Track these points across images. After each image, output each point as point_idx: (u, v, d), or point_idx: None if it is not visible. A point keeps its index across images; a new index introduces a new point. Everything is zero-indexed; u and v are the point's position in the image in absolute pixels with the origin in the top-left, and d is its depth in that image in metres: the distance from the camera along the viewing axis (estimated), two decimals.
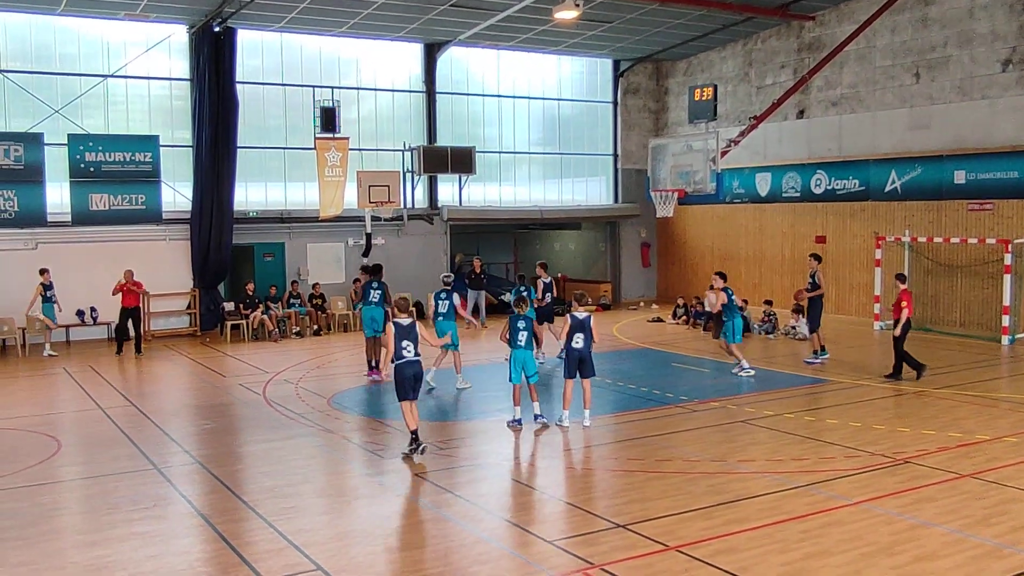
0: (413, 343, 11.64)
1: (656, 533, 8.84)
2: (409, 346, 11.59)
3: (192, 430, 13.89)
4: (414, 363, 11.68)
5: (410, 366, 11.66)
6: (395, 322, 11.75)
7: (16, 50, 22.83)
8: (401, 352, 11.59)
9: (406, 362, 11.61)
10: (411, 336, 11.68)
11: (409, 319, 11.81)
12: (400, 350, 11.59)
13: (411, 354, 11.63)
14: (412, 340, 11.66)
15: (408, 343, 11.61)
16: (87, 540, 8.97)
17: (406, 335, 11.66)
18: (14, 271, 21.95)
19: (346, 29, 25.27)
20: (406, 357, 11.60)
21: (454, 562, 8.30)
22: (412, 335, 11.69)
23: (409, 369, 11.66)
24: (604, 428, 13.44)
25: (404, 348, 11.58)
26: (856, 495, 9.96)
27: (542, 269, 20.61)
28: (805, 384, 16.82)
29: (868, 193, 25.08)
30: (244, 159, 24.80)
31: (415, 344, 11.66)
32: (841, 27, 25.17)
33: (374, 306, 17.53)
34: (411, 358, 11.65)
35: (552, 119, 30.69)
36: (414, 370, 11.72)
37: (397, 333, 11.64)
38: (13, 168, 21.70)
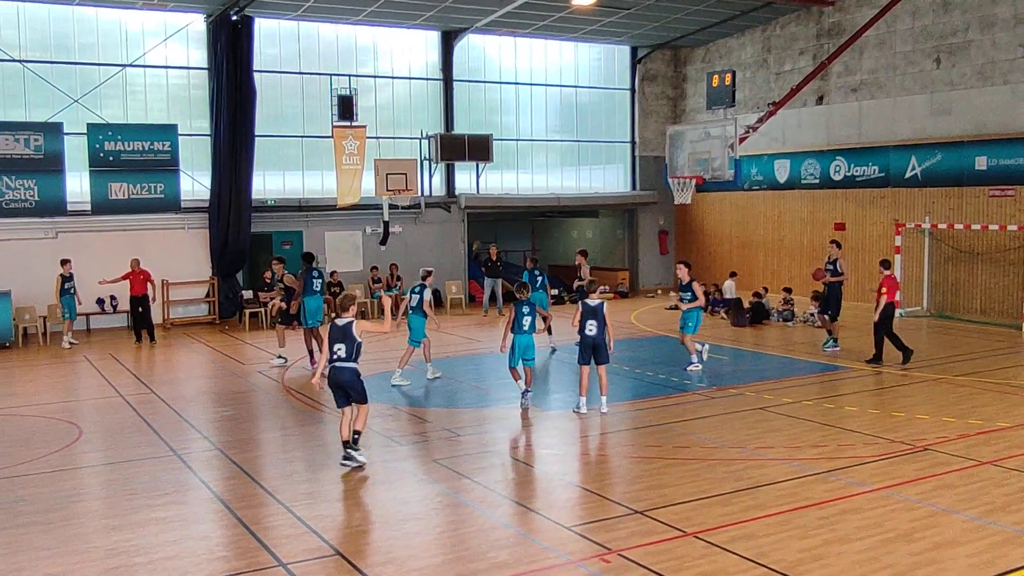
0: (346, 345, 10.60)
1: (674, 519, 8.83)
2: (341, 349, 10.61)
3: (211, 417, 13.96)
4: (343, 369, 10.65)
5: (338, 371, 10.68)
6: (332, 322, 10.91)
7: (35, 40, 22.95)
8: (332, 355, 10.70)
9: (334, 367, 10.69)
10: (345, 338, 10.64)
11: (348, 319, 10.76)
12: (331, 353, 10.70)
13: (341, 358, 10.64)
14: (345, 342, 10.62)
15: (340, 345, 10.63)
16: (108, 525, 9.04)
17: (340, 336, 10.68)
18: (35, 260, 22.13)
19: (363, 17, 25.25)
20: (335, 362, 10.68)
21: (472, 547, 8.32)
22: (347, 336, 10.64)
23: (336, 375, 10.70)
24: (622, 415, 13.43)
25: (335, 351, 10.65)
26: (875, 482, 9.92)
27: (582, 257, 20.32)
28: (824, 371, 16.74)
29: (888, 179, 24.90)
30: (262, 147, 24.86)
31: (348, 346, 10.60)
32: (861, 12, 24.95)
33: (318, 295, 17.45)
34: (339, 363, 10.65)
35: (569, 106, 30.60)
36: (342, 376, 10.68)
37: (330, 334, 10.76)
38: (33, 158, 21.84)
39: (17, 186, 21.73)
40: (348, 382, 10.68)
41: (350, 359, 10.62)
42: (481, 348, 19.77)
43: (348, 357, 10.61)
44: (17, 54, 22.49)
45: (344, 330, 10.64)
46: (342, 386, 10.69)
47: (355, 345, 10.61)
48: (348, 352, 10.59)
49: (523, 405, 13.79)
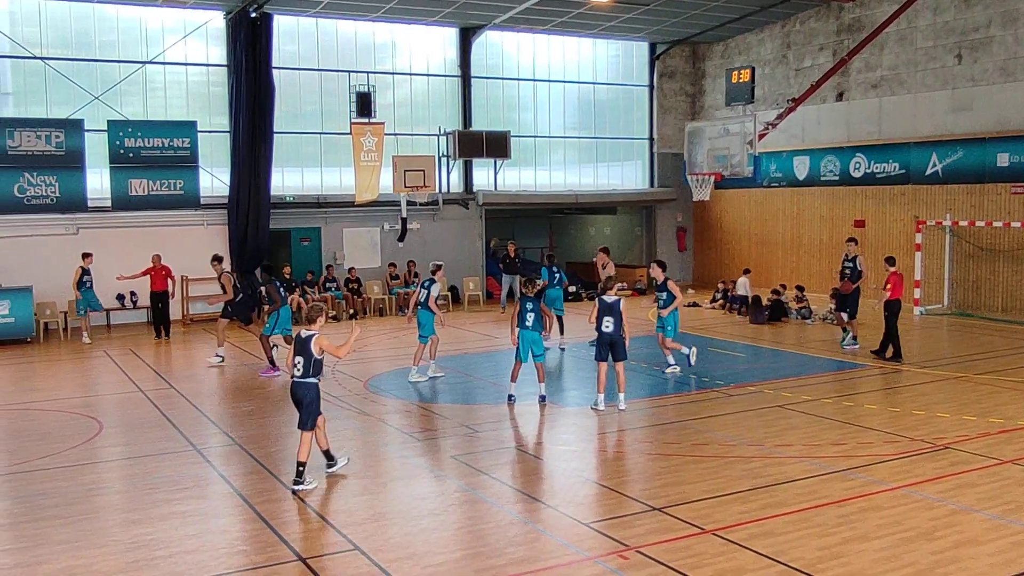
0: (304, 359, 9.99)
1: (692, 516, 8.81)
2: (300, 363, 10.01)
3: (230, 412, 14.04)
4: (298, 384, 10.04)
5: (295, 387, 10.11)
6: (297, 334, 10.26)
7: (56, 37, 23.10)
8: (292, 369, 10.15)
9: (292, 382, 10.15)
10: (304, 352, 10.02)
11: (312, 331, 10.10)
12: (293, 368, 10.15)
13: (299, 373, 10.03)
14: (303, 356, 10.00)
15: (299, 359, 10.03)
16: (128, 519, 9.11)
17: (299, 349, 10.06)
18: (56, 256, 22.26)
19: (381, 13, 25.28)
20: (295, 376, 10.10)
21: (490, 543, 8.33)
22: (305, 350, 10.01)
23: (293, 390, 10.16)
24: (640, 412, 13.41)
25: (295, 364, 10.07)
26: (895, 480, 9.87)
27: (605, 255, 20.16)
28: (843, 369, 16.65)
29: (908, 176, 24.73)
30: (280, 144, 24.95)
31: (306, 361, 9.99)
32: (881, 8, 24.78)
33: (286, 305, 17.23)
34: (297, 378, 10.06)
35: (588, 103, 30.54)
36: (296, 392, 10.09)
37: (294, 345, 10.20)
38: (54, 154, 21.99)
39: (39, 182, 21.88)
40: (300, 399, 10.04)
41: (307, 375, 10.00)
42: (498, 345, 19.76)
43: (306, 373, 10.00)
44: (39, 51, 22.66)
45: (304, 344, 10.01)
46: (302, 402, 10.05)
47: (312, 361, 9.96)
48: (306, 368, 9.98)
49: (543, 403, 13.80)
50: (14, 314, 20.57)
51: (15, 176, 21.67)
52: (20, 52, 22.49)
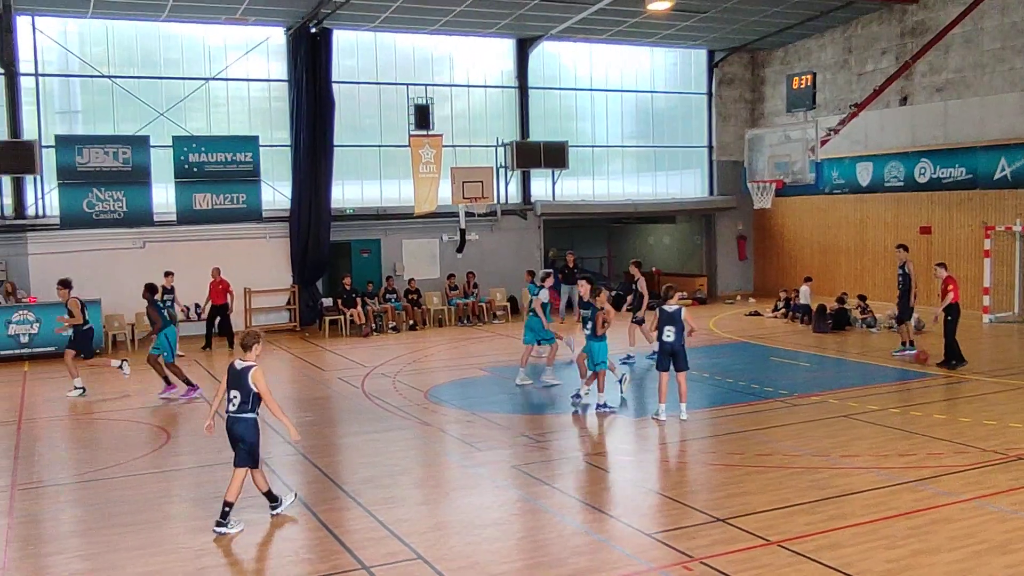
0: (241, 393, 9.13)
1: (757, 528, 8.69)
2: (236, 396, 9.16)
3: (293, 422, 14.05)
4: (238, 420, 9.17)
5: (232, 422, 9.21)
6: (231, 363, 9.35)
7: (123, 57, 23.68)
8: (226, 403, 9.28)
9: (229, 416, 9.24)
10: (241, 384, 9.14)
11: (248, 363, 9.20)
12: (226, 401, 9.28)
13: (234, 408, 9.20)
14: (240, 388, 9.13)
15: (235, 392, 9.17)
16: (196, 527, 9.24)
17: (235, 381, 9.19)
18: (123, 269, 22.78)
19: (439, 26, 25.48)
20: (229, 409, 9.24)
21: (552, 553, 8.29)
22: (242, 383, 9.12)
23: (230, 425, 9.24)
24: (702, 422, 13.27)
25: (231, 397, 9.21)
26: (966, 492, 9.62)
27: (636, 268, 20.02)
28: (910, 378, 16.29)
29: (976, 181, 24.17)
30: (340, 157, 25.25)
31: (244, 395, 9.12)
32: (946, 10, 24.30)
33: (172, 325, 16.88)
34: (233, 412, 9.20)
35: (645, 112, 30.41)
36: (235, 428, 9.19)
37: (228, 376, 9.29)
38: (122, 170, 22.53)
39: (107, 197, 22.42)
40: (239, 436, 9.18)
41: (246, 409, 9.16)
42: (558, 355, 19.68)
43: (243, 407, 9.15)
44: (106, 70, 23.26)
45: (240, 376, 9.15)
46: (234, 438, 9.24)
47: (251, 394, 9.11)
48: (243, 401, 9.13)
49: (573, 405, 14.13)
50: None
51: (84, 192, 22.24)
52: (89, 71, 23.13)
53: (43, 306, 20.88)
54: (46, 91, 23.02)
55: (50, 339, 20.62)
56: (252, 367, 9.16)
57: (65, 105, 23.57)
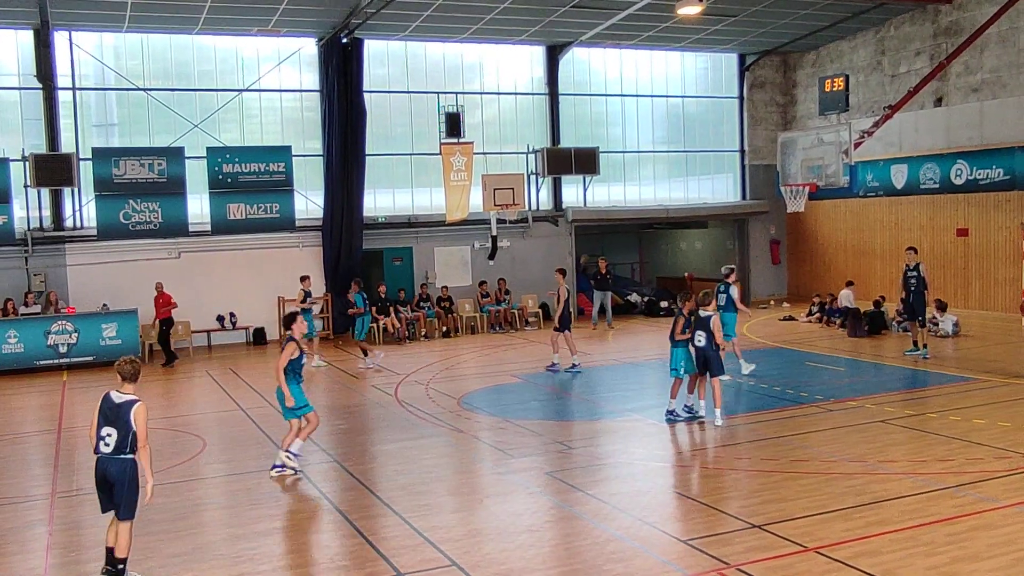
0: (118, 431, 7.90)
1: (794, 534, 8.61)
2: (111, 435, 7.91)
3: (328, 430, 14.25)
4: (113, 460, 7.93)
5: (105, 463, 7.97)
6: (106, 394, 8.11)
7: (158, 69, 23.99)
8: (98, 443, 7.98)
9: (101, 457, 8.00)
10: (119, 420, 7.91)
11: (128, 396, 8.05)
12: (98, 437, 7.98)
13: (109, 448, 7.92)
14: (117, 427, 7.90)
15: (111, 430, 7.91)
16: (233, 534, 9.32)
17: (112, 416, 7.95)
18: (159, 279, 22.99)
19: (469, 35, 25.57)
20: (101, 450, 7.97)
21: (587, 560, 8.27)
22: (121, 420, 7.91)
23: (103, 467, 7.99)
24: (737, 428, 13.19)
25: (103, 435, 7.94)
26: (1008, 498, 9.48)
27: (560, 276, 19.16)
28: (950, 382, 16.08)
29: (1014, 182, 23.81)
30: (372, 166, 25.40)
31: (122, 433, 7.90)
32: (981, 9, 24.01)
33: None
34: (108, 453, 7.94)
35: (676, 117, 30.30)
36: (109, 470, 7.96)
37: (101, 409, 8.03)
38: (157, 181, 22.80)
39: (143, 208, 22.70)
40: (114, 479, 7.94)
41: (124, 450, 7.93)
42: (590, 361, 19.68)
43: (121, 447, 7.92)
44: (141, 83, 23.57)
45: (120, 411, 7.95)
46: (108, 484, 7.98)
47: (131, 434, 7.92)
48: (121, 440, 7.91)
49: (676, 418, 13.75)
50: (120, 336, 21.32)
51: (121, 203, 22.53)
52: (125, 85, 23.45)
53: (81, 316, 21.18)
54: (83, 104, 23.38)
55: (88, 349, 20.93)
56: (136, 402, 7.99)
57: (102, 118, 23.92)
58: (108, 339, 21.24)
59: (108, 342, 21.23)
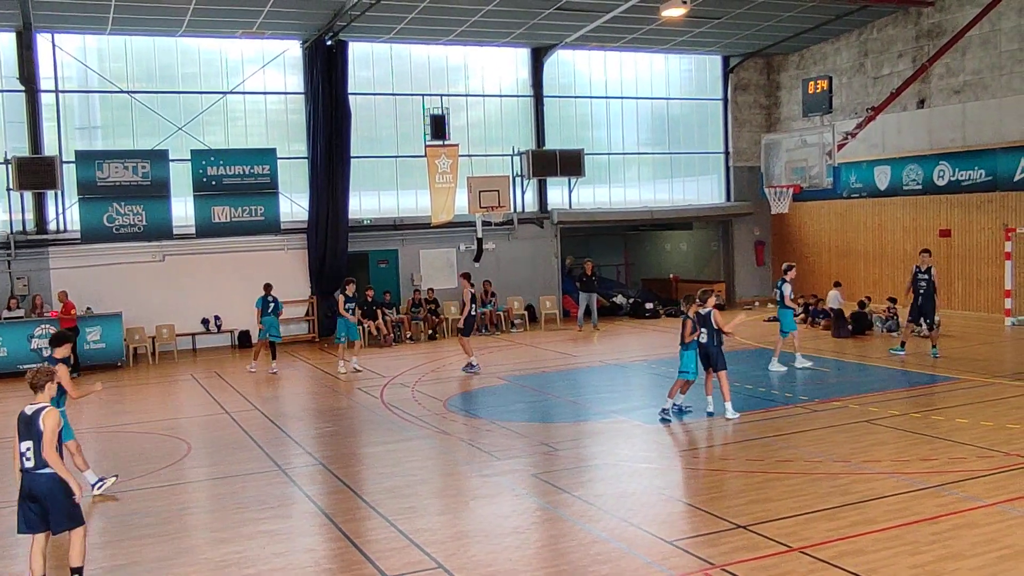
0: (35, 444, 7.64)
1: (779, 534, 8.65)
2: (29, 448, 7.66)
3: (313, 433, 14.25)
4: (36, 476, 7.67)
5: (31, 480, 7.69)
6: (22, 412, 7.84)
7: (141, 72, 23.89)
8: (21, 460, 7.74)
9: (25, 475, 7.73)
10: (32, 433, 7.66)
11: (39, 404, 7.83)
12: (20, 455, 7.74)
13: (30, 462, 7.67)
14: (32, 439, 7.66)
15: (28, 444, 7.67)
16: (217, 538, 9.29)
17: (25, 431, 7.71)
18: (143, 283, 23.01)
19: (454, 37, 25.58)
20: (24, 465, 7.71)
21: (573, 561, 8.29)
22: (33, 431, 7.66)
23: (28, 484, 7.70)
24: (722, 429, 13.25)
25: (23, 451, 7.69)
26: (991, 496, 9.54)
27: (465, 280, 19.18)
28: (933, 383, 16.17)
29: (996, 183, 24.00)
30: (357, 168, 25.37)
31: (36, 445, 7.63)
32: (963, 11, 24.19)
33: None
34: (30, 469, 7.69)
35: (661, 118, 30.39)
36: (36, 487, 7.67)
37: (18, 426, 7.81)
38: (141, 184, 22.71)
39: (127, 211, 22.61)
40: (44, 494, 7.66)
41: (43, 464, 7.66)
42: (576, 363, 19.71)
43: (40, 462, 7.66)
44: (125, 86, 23.47)
45: (31, 422, 7.70)
46: (37, 500, 7.66)
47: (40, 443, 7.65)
48: (37, 454, 7.65)
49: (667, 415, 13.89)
50: (105, 339, 21.25)
51: (104, 206, 22.43)
52: (108, 87, 23.34)
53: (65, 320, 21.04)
54: (66, 107, 23.26)
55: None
56: (45, 408, 7.76)
57: (85, 121, 23.80)
58: (92, 343, 21.15)
59: (92, 346, 21.14)
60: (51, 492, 7.65)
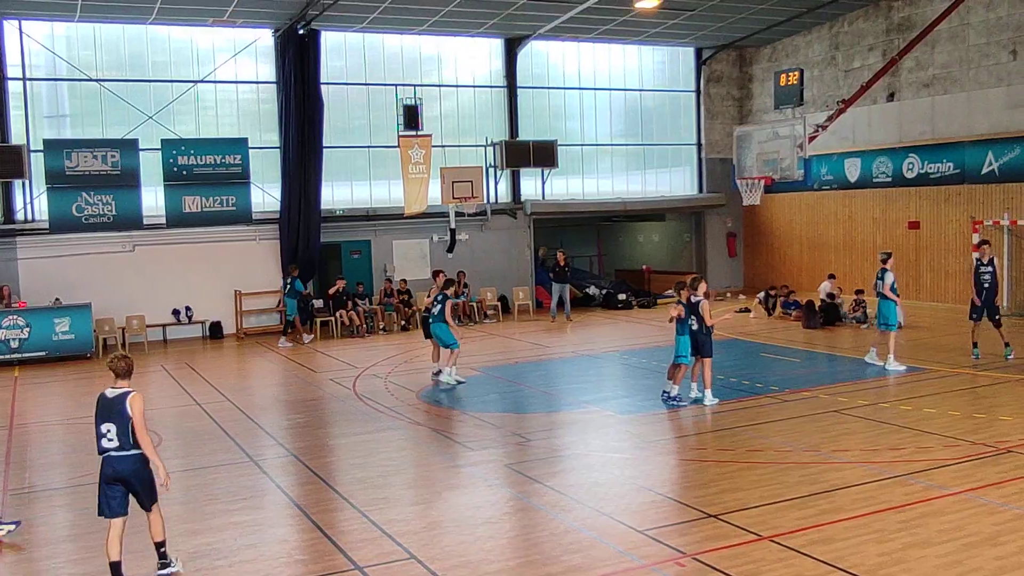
0: (117, 426, 7.89)
1: (749, 523, 8.73)
2: (111, 430, 7.91)
3: (285, 424, 14.19)
4: (121, 459, 7.93)
5: (114, 462, 7.94)
6: (102, 393, 8.11)
7: (111, 60, 23.63)
8: (100, 440, 7.99)
9: (107, 457, 7.97)
10: (113, 415, 7.91)
11: (124, 388, 8.03)
12: (99, 437, 7.99)
13: (113, 443, 7.92)
14: (116, 421, 7.90)
15: (110, 426, 7.91)
16: (189, 529, 9.24)
17: (107, 413, 7.95)
18: (113, 273, 22.80)
19: (427, 27, 25.49)
20: (105, 447, 7.96)
21: (545, 551, 8.32)
22: (116, 413, 7.91)
23: (113, 466, 7.95)
24: (694, 418, 13.34)
25: (104, 432, 7.94)
26: (957, 485, 9.68)
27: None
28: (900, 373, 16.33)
29: (963, 176, 24.29)
30: (330, 158, 25.24)
31: (121, 428, 7.89)
32: (932, 6, 24.41)
33: None
34: (113, 450, 7.94)
35: (634, 110, 30.46)
36: (121, 467, 7.94)
37: (97, 409, 8.04)
38: (110, 173, 22.47)
39: (96, 201, 22.36)
40: (131, 474, 7.96)
41: (128, 445, 7.93)
42: (549, 353, 19.76)
43: (125, 443, 7.92)
44: (94, 73, 23.21)
45: (114, 405, 7.95)
46: (122, 480, 7.96)
47: (130, 425, 7.91)
48: (123, 434, 7.91)
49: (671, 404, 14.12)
50: (74, 330, 21.03)
51: (73, 196, 22.18)
52: (76, 75, 23.07)
53: (33, 311, 20.83)
54: (34, 95, 22.97)
55: (40, 344, 20.62)
56: (130, 392, 7.98)
57: (53, 109, 23.49)
58: (61, 334, 20.94)
59: (61, 337, 20.93)
60: (137, 471, 7.97)
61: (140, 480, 8.00)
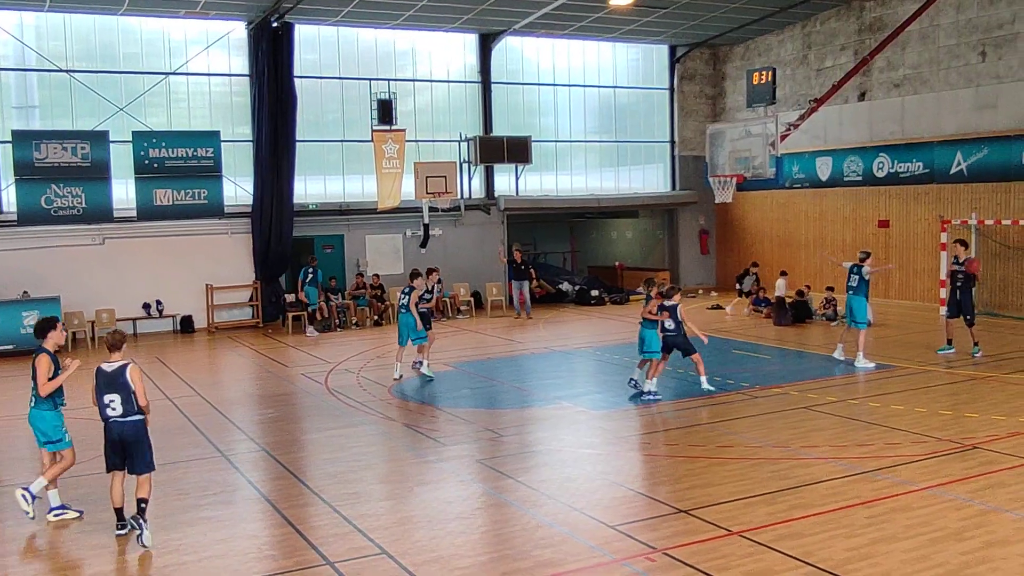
0: (120, 395, 8.81)
1: (719, 518, 8.80)
2: (115, 400, 8.82)
3: (256, 419, 14.13)
4: (125, 423, 8.85)
5: (119, 426, 8.86)
6: (99, 367, 8.97)
7: (81, 51, 23.36)
8: (104, 410, 8.91)
9: (112, 423, 8.89)
10: (116, 386, 8.83)
11: (120, 362, 8.93)
12: (103, 406, 8.91)
13: (117, 411, 8.85)
14: (119, 392, 8.82)
15: (113, 396, 8.82)
16: (158, 524, 9.16)
17: (109, 384, 8.84)
18: (83, 266, 22.56)
19: (402, 21, 25.40)
20: (110, 415, 8.88)
21: (517, 546, 8.35)
22: (118, 384, 8.83)
23: (117, 430, 8.87)
24: (665, 415, 13.41)
25: (108, 403, 8.85)
26: (924, 481, 9.80)
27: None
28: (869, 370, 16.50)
29: (933, 176, 24.55)
30: (303, 153, 25.11)
31: (124, 396, 8.81)
32: (903, 6, 24.64)
33: None
34: (117, 417, 8.86)
35: (608, 107, 30.53)
36: (126, 432, 8.86)
37: (98, 382, 8.91)
38: (80, 165, 22.24)
39: (65, 193, 22.13)
40: (131, 437, 8.88)
41: (133, 412, 8.88)
42: (522, 349, 19.79)
43: (130, 410, 8.86)
44: (64, 64, 22.94)
45: (114, 377, 8.84)
46: (123, 443, 8.88)
47: (132, 394, 8.84)
48: (127, 402, 8.84)
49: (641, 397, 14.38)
50: None
51: (42, 188, 21.93)
52: (46, 65, 22.78)
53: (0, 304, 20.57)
54: (3, 85, 22.68)
55: (8, 337, 20.40)
56: (127, 364, 8.88)
57: (22, 100, 23.20)
58: (28, 327, 20.65)
59: (29, 330, 20.62)
60: (138, 437, 8.89)
61: (138, 446, 8.85)
